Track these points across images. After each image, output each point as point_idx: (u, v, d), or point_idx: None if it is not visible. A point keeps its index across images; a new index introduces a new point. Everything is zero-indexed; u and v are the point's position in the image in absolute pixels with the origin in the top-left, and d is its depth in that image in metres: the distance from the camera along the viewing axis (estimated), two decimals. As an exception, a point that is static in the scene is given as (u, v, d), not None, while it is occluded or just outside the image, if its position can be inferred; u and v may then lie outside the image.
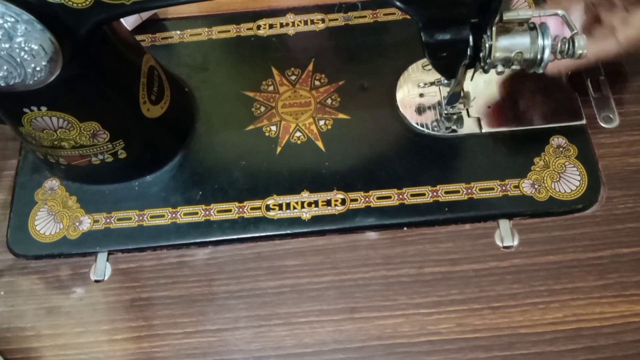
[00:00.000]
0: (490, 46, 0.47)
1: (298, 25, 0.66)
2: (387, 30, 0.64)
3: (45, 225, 0.58)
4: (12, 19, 0.42)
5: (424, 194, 0.56)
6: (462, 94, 0.56)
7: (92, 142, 0.54)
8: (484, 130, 0.58)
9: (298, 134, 0.60)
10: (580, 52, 0.47)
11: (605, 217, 0.55)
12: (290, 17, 0.66)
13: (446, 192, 0.56)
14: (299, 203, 0.56)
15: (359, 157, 0.58)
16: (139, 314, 0.54)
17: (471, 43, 0.48)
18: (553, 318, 0.51)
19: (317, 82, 0.62)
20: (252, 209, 0.57)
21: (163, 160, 0.59)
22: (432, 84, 0.59)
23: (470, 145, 0.58)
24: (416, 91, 0.60)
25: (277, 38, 0.65)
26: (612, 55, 0.53)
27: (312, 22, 0.66)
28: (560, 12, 0.47)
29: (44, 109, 0.49)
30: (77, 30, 0.45)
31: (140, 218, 0.57)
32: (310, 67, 0.63)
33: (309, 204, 0.56)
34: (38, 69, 0.45)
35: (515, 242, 0.54)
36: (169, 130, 0.60)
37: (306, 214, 0.56)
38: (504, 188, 0.55)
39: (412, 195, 0.56)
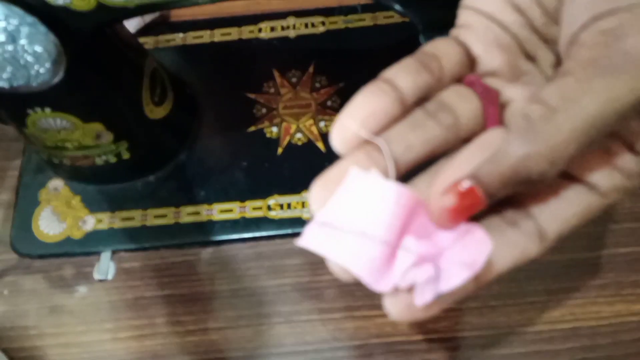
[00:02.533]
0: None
1: (299, 28, 0.66)
2: (386, 33, 0.65)
3: (49, 224, 0.58)
4: (16, 22, 0.42)
5: (423, 194, 0.56)
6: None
7: (96, 143, 0.54)
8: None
9: (299, 135, 0.60)
10: None
11: (602, 217, 0.55)
12: (291, 20, 0.67)
13: (445, 193, 0.56)
14: (300, 203, 0.57)
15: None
16: (141, 313, 0.54)
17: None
18: (550, 317, 0.52)
19: (317, 84, 0.63)
20: (253, 208, 0.57)
21: (166, 161, 0.60)
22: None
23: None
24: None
25: (278, 41, 0.66)
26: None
27: (313, 25, 0.66)
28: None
29: (47, 110, 0.50)
30: (80, 33, 0.46)
31: (144, 218, 0.58)
32: (310, 70, 0.64)
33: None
34: (42, 71, 0.45)
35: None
36: (172, 131, 0.60)
37: (307, 213, 0.56)
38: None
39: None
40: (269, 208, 0.57)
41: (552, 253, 0.53)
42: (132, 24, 0.66)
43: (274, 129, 0.61)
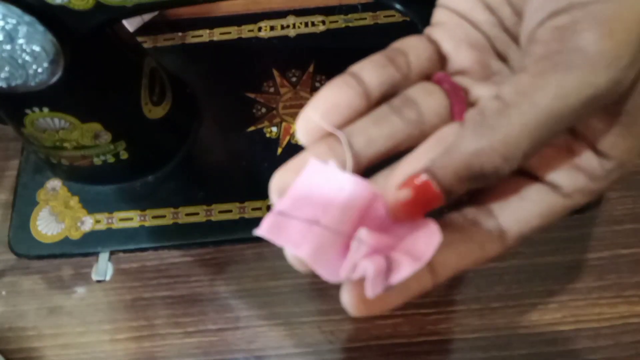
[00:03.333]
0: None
1: (299, 27, 0.66)
2: (387, 32, 0.65)
3: (47, 225, 0.58)
4: (14, 21, 0.42)
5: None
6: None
7: (94, 143, 0.54)
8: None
9: (299, 135, 0.60)
10: None
11: (604, 218, 0.55)
12: (291, 19, 0.66)
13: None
14: (300, 204, 0.56)
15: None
16: (140, 314, 0.54)
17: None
18: (552, 318, 0.52)
19: (317, 84, 0.62)
20: (253, 209, 0.57)
21: (164, 161, 0.59)
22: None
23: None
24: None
25: (278, 40, 0.66)
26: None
27: (313, 24, 0.66)
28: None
29: (45, 110, 0.50)
30: (78, 32, 0.45)
31: (142, 218, 0.57)
32: (310, 69, 0.63)
33: (310, 205, 0.56)
34: (40, 70, 0.45)
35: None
36: (171, 131, 0.60)
37: (306, 214, 0.56)
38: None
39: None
40: (269, 208, 0.57)
41: (553, 254, 0.53)
42: (131, 23, 0.65)
43: (274, 129, 0.60)
